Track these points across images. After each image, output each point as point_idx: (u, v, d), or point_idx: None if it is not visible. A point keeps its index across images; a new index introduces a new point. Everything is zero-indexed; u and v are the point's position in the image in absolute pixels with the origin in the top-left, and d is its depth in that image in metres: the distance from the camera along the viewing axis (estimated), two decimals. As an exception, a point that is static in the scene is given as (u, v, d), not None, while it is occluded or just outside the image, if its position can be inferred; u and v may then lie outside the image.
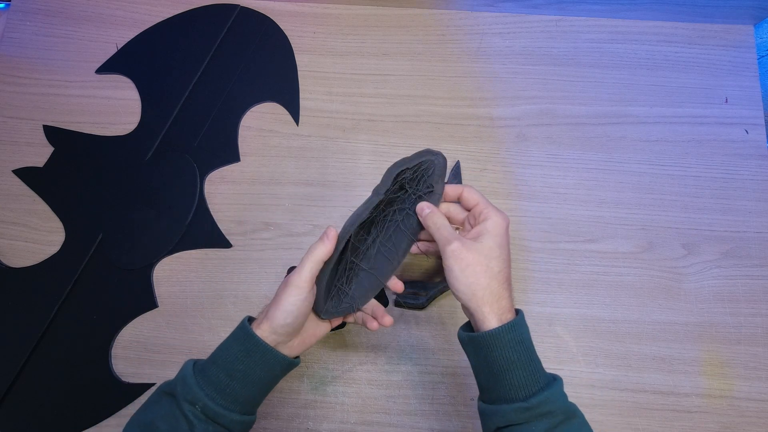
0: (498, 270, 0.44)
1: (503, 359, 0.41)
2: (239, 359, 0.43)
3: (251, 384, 0.44)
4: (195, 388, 0.42)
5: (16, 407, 0.59)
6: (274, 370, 0.45)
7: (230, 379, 0.42)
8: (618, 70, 0.70)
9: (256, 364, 0.43)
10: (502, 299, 0.43)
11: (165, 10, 0.73)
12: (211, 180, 0.67)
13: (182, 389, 0.42)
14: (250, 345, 0.43)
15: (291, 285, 0.45)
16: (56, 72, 0.71)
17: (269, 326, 0.44)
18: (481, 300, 0.43)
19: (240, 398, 0.43)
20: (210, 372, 0.43)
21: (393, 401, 0.58)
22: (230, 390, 0.42)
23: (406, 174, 0.50)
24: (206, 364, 0.44)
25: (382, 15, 0.73)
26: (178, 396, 0.42)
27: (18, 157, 0.67)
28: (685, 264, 0.63)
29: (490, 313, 0.42)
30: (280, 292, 0.45)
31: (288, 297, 0.44)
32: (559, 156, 0.67)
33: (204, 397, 0.41)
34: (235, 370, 0.43)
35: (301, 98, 0.70)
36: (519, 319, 0.43)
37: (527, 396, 0.40)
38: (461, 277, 0.43)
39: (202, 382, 0.42)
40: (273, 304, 0.45)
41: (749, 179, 0.66)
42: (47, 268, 0.63)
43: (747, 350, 0.60)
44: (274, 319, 0.44)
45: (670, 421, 0.58)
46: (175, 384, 0.43)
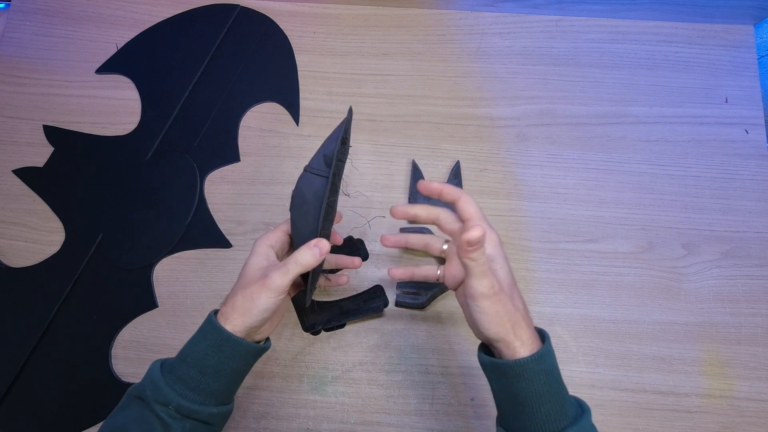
0: (517, 297, 0.43)
1: (530, 391, 0.39)
2: (209, 355, 0.42)
3: (224, 376, 0.43)
4: (165, 389, 0.41)
5: (16, 407, 0.59)
6: (246, 359, 0.44)
7: (202, 375, 0.42)
8: (618, 70, 0.70)
9: (227, 357, 0.42)
10: (526, 329, 0.41)
11: (165, 10, 0.73)
12: (211, 180, 0.67)
13: (152, 392, 0.41)
14: (221, 340, 0.42)
15: (270, 288, 0.42)
16: (56, 72, 0.71)
17: (243, 319, 0.42)
18: (507, 332, 0.40)
19: (214, 392, 0.42)
20: (180, 370, 0.42)
21: (393, 401, 0.58)
22: (204, 386, 0.42)
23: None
24: (175, 362, 0.43)
25: (382, 15, 0.73)
26: (149, 399, 0.41)
27: (18, 157, 0.67)
28: (685, 264, 0.63)
29: (516, 342, 0.40)
30: (256, 291, 0.43)
31: (266, 299, 0.42)
32: (559, 156, 0.67)
33: (176, 397, 0.40)
34: (206, 366, 0.42)
35: (301, 98, 0.70)
36: (547, 348, 0.40)
37: (556, 431, 0.38)
38: (495, 318, 0.40)
39: (172, 381, 0.41)
40: (245, 297, 0.43)
41: (749, 179, 0.66)
42: (47, 268, 0.63)
43: (747, 350, 0.60)
44: (248, 316, 0.42)
45: (670, 421, 0.58)
46: (144, 387, 0.42)
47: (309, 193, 0.45)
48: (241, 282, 0.45)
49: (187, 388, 0.41)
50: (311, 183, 0.45)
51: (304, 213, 0.45)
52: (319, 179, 0.45)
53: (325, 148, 0.46)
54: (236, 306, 0.43)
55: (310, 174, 0.45)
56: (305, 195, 0.45)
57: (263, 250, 0.46)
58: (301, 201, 0.45)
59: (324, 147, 0.46)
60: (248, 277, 0.45)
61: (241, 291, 0.44)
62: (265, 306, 0.43)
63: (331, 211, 0.50)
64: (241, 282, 0.45)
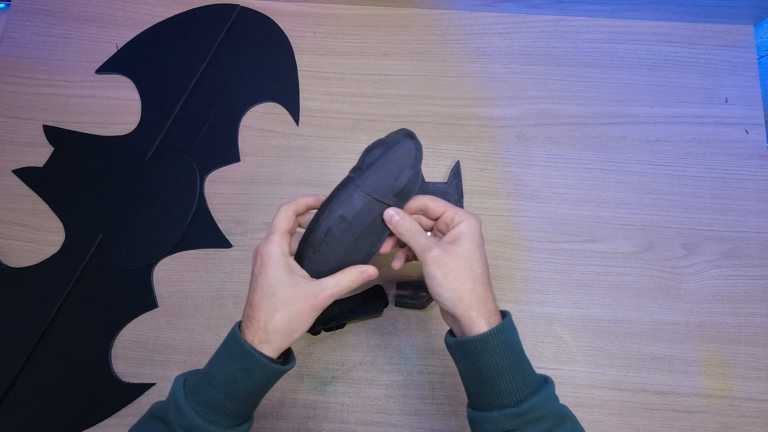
0: (480, 272, 0.43)
1: (492, 364, 0.40)
2: (238, 379, 0.40)
3: (251, 398, 0.42)
4: (190, 414, 0.39)
5: (16, 407, 0.59)
6: (274, 380, 0.43)
7: (229, 400, 0.40)
8: (618, 70, 0.70)
9: (255, 381, 0.41)
10: (488, 302, 0.42)
11: (165, 10, 0.73)
12: (211, 180, 0.67)
13: (176, 416, 0.39)
14: (251, 364, 0.40)
15: (320, 309, 0.43)
16: (56, 72, 0.71)
17: (283, 344, 0.41)
18: (467, 304, 0.41)
19: (240, 413, 0.41)
20: (206, 393, 0.40)
21: (393, 401, 0.58)
22: (230, 410, 0.40)
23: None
24: (200, 384, 0.41)
25: (382, 15, 0.73)
26: (172, 423, 0.39)
27: (18, 157, 0.67)
28: (685, 264, 0.63)
29: (479, 317, 0.41)
30: (305, 312, 0.42)
31: (314, 315, 0.43)
32: (559, 156, 0.67)
33: (202, 423, 0.39)
34: (234, 390, 0.40)
35: (301, 98, 0.70)
36: (507, 322, 0.42)
37: (518, 401, 0.39)
38: (445, 282, 0.42)
39: (197, 405, 0.40)
40: (292, 319, 0.41)
41: (749, 179, 0.66)
42: (47, 268, 0.63)
43: (747, 350, 0.60)
44: (292, 337, 0.42)
45: (670, 421, 0.58)
46: (167, 409, 0.40)
47: (367, 216, 0.44)
48: (270, 295, 0.42)
49: (213, 412, 0.40)
50: (372, 208, 0.44)
51: (357, 232, 0.44)
52: (380, 206, 0.45)
53: (397, 177, 0.44)
54: (278, 327, 0.41)
55: (376, 201, 0.44)
56: (361, 217, 0.44)
57: (282, 261, 0.43)
58: (356, 221, 0.44)
59: (390, 173, 0.44)
60: (281, 290, 0.42)
61: (281, 307, 0.41)
62: (310, 323, 0.43)
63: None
64: (269, 293, 0.42)
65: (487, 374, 0.41)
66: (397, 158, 0.45)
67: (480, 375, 0.41)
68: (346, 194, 0.45)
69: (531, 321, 0.61)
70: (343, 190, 0.45)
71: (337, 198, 0.45)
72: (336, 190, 0.46)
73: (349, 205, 0.44)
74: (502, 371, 0.40)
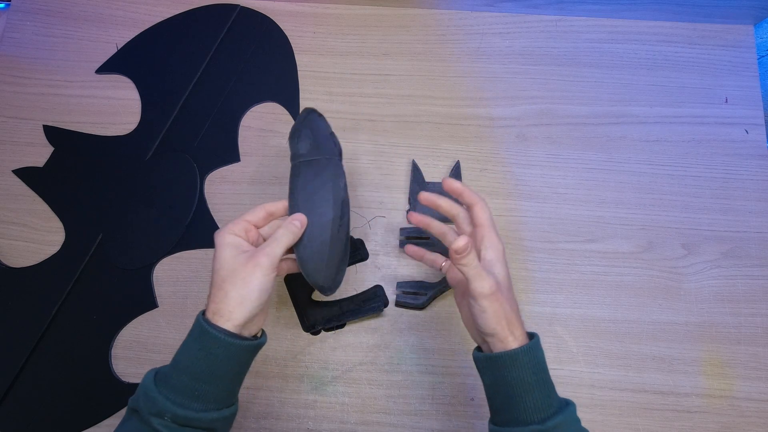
0: (512, 298, 0.45)
1: (520, 380, 0.41)
2: (200, 359, 0.40)
3: (220, 379, 0.41)
4: (159, 399, 0.39)
5: (16, 407, 0.59)
6: (241, 358, 0.43)
7: (196, 382, 0.40)
8: (618, 70, 0.70)
9: (219, 360, 0.41)
10: (519, 326, 0.44)
11: (165, 10, 0.73)
12: (211, 180, 0.67)
13: (145, 403, 0.40)
14: (209, 343, 0.40)
15: (262, 265, 0.42)
16: (56, 72, 0.71)
17: (241, 313, 0.41)
18: (503, 328, 0.43)
19: (213, 396, 0.41)
20: (173, 378, 0.40)
21: (393, 401, 0.58)
22: (200, 392, 0.40)
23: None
24: (168, 370, 0.41)
25: (382, 15, 0.73)
26: (142, 411, 0.39)
27: (18, 157, 0.67)
28: (685, 264, 0.63)
29: (510, 335, 0.42)
30: (248, 274, 0.42)
31: (262, 278, 0.42)
32: (559, 156, 0.67)
33: (172, 406, 0.39)
34: (198, 372, 0.40)
35: (301, 98, 0.70)
36: (536, 342, 0.43)
37: (543, 419, 0.40)
38: (493, 315, 0.42)
39: (166, 390, 0.40)
40: (237, 285, 0.42)
41: (749, 179, 0.66)
42: (47, 268, 0.63)
43: (747, 350, 0.60)
44: (246, 303, 0.41)
45: (670, 421, 0.58)
46: (138, 399, 0.41)
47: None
48: (222, 274, 0.43)
49: (182, 396, 0.40)
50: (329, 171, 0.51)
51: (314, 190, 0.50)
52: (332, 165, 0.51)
53: (335, 142, 0.53)
54: (230, 298, 0.41)
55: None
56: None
57: (231, 240, 0.44)
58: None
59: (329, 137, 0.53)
60: (228, 267, 0.43)
61: (229, 281, 0.42)
62: (261, 286, 0.42)
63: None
64: (221, 275, 0.43)
65: (514, 390, 0.41)
66: (324, 129, 0.54)
67: (507, 390, 0.42)
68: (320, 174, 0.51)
69: (531, 321, 0.61)
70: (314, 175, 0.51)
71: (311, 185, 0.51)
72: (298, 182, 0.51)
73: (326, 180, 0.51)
74: (529, 388, 0.41)
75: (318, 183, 0.50)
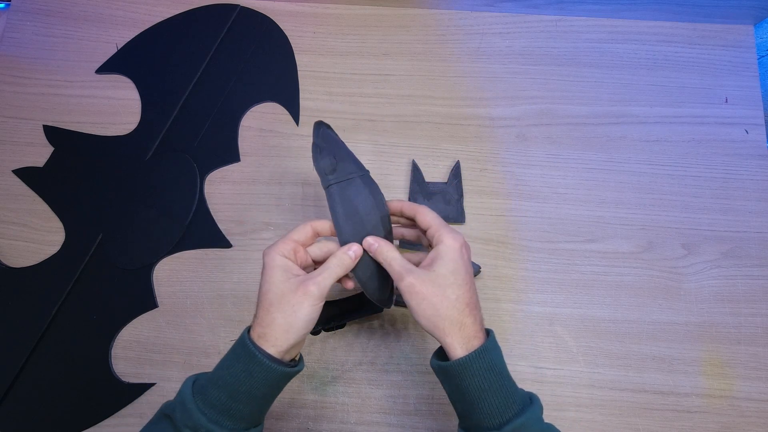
0: (455, 297, 0.42)
1: (474, 387, 0.41)
2: (241, 380, 0.41)
3: (255, 400, 0.42)
4: (196, 414, 0.39)
5: (16, 407, 0.59)
6: (279, 383, 0.43)
7: (233, 401, 0.41)
8: (618, 70, 0.70)
9: (259, 383, 0.41)
10: (464, 327, 0.42)
11: (165, 10, 0.73)
12: (211, 180, 0.67)
13: (181, 415, 0.40)
14: (253, 366, 0.41)
15: (312, 295, 0.42)
16: (56, 72, 0.71)
17: (285, 340, 0.41)
18: (442, 331, 0.42)
19: (245, 416, 0.41)
20: (211, 394, 0.41)
21: (393, 401, 0.58)
22: (235, 411, 0.41)
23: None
24: (207, 384, 0.42)
25: (382, 15, 0.73)
26: (178, 422, 0.40)
27: (18, 157, 0.67)
28: (685, 264, 0.63)
29: (453, 342, 0.42)
30: (297, 302, 0.42)
31: (309, 308, 0.42)
32: (559, 156, 0.67)
33: (207, 422, 0.39)
34: (237, 391, 0.41)
35: (301, 98, 0.70)
36: (488, 344, 0.42)
37: (501, 424, 0.40)
38: (419, 310, 0.42)
39: (203, 405, 0.40)
40: (285, 312, 0.42)
41: (749, 179, 0.66)
42: (47, 268, 0.63)
43: (747, 350, 0.60)
44: (291, 332, 0.41)
45: (670, 421, 0.58)
46: (174, 408, 0.41)
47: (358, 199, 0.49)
48: (270, 297, 0.43)
49: (218, 412, 0.40)
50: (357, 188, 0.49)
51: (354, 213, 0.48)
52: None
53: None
54: (276, 324, 0.42)
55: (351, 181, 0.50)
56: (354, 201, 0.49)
57: (280, 262, 0.44)
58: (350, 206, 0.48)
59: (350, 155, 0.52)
60: (277, 292, 0.43)
61: (276, 306, 0.42)
62: (308, 316, 0.42)
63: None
64: (269, 298, 0.43)
65: (469, 397, 0.41)
66: (341, 144, 0.53)
67: (463, 397, 0.42)
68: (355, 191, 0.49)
69: (531, 321, 0.61)
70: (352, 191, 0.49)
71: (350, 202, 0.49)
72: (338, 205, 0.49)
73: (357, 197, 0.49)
74: (483, 394, 0.41)
75: (360, 204, 0.48)
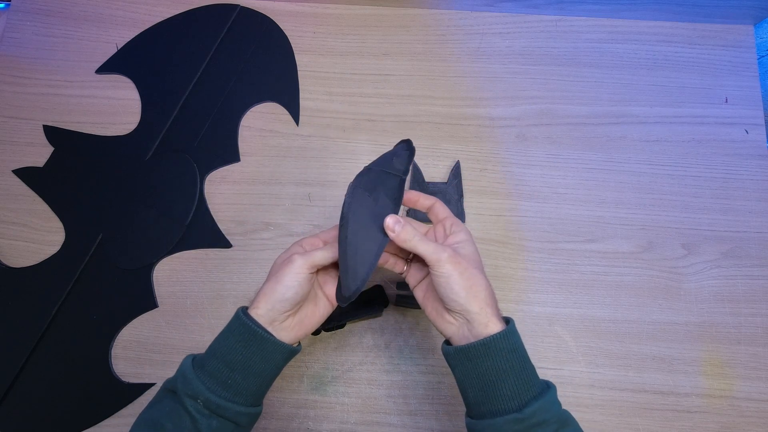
0: (485, 276, 0.44)
1: (496, 368, 0.40)
2: (237, 350, 0.42)
3: (253, 375, 0.43)
4: (195, 382, 0.41)
5: (16, 407, 0.59)
6: (274, 358, 0.44)
7: (231, 371, 0.42)
8: (618, 70, 0.70)
9: (254, 353, 0.42)
10: (496, 303, 0.43)
11: (165, 10, 0.73)
12: (211, 180, 0.67)
13: (182, 385, 0.42)
14: (247, 334, 0.42)
15: (293, 263, 0.44)
16: (56, 72, 0.71)
17: (266, 302, 0.43)
18: (483, 301, 0.41)
19: (243, 390, 0.42)
20: (209, 365, 0.42)
21: (393, 401, 0.58)
22: (232, 382, 0.42)
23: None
24: (205, 357, 0.43)
25: (382, 15, 0.73)
26: (179, 392, 0.41)
27: (18, 157, 0.67)
28: (685, 264, 0.63)
29: (493, 315, 0.41)
30: (281, 267, 0.45)
31: (291, 277, 0.43)
32: (559, 156, 0.67)
33: (205, 391, 0.41)
34: (234, 360, 0.42)
35: (301, 98, 0.70)
36: (512, 327, 0.42)
37: (520, 406, 0.39)
38: (461, 280, 0.41)
39: (203, 375, 0.42)
40: (271, 279, 0.44)
41: (749, 179, 0.66)
42: (47, 268, 0.63)
43: (747, 350, 0.60)
44: (273, 292, 0.43)
45: (670, 421, 0.58)
46: (176, 380, 0.43)
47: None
48: (268, 275, 0.46)
49: (216, 382, 0.41)
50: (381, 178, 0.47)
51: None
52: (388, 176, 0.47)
53: (394, 153, 0.49)
54: (261, 291, 0.44)
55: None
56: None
57: (292, 248, 0.47)
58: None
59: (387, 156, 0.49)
60: (274, 268, 0.46)
61: (268, 278, 0.45)
62: (288, 282, 0.43)
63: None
64: (269, 274, 0.46)
65: (488, 379, 0.40)
66: (393, 151, 0.49)
67: (481, 381, 0.41)
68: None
69: (531, 321, 0.61)
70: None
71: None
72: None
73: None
74: (504, 375, 0.40)
75: (362, 194, 0.45)
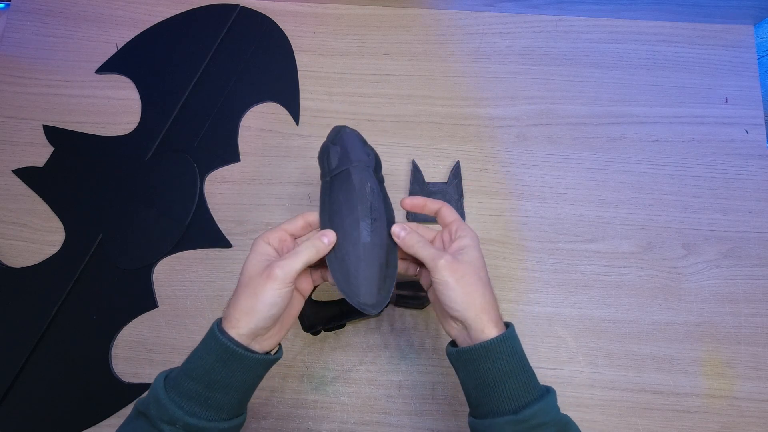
0: (486, 280, 0.44)
1: (496, 371, 0.41)
2: (215, 369, 0.40)
3: (234, 390, 0.41)
4: (171, 408, 0.38)
5: (16, 407, 0.59)
6: (255, 371, 0.42)
7: (210, 391, 0.39)
8: (618, 70, 0.70)
9: (235, 371, 0.40)
10: (495, 308, 0.43)
11: (165, 10, 0.73)
12: (211, 180, 0.67)
13: (156, 410, 0.39)
14: (226, 354, 0.40)
15: (274, 278, 0.40)
16: (56, 72, 0.71)
17: (248, 321, 0.40)
18: (480, 308, 0.42)
19: (224, 406, 0.40)
20: (185, 386, 0.40)
21: (393, 401, 0.58)
22: (212, 401, 0.40)
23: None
24: (179, 377, 0.40)
25: (382, 15, 0.73)
26: (153, 417, 0.39)
27: (18, 157, 0.67)
28: (685, 264, 0.63)
29: (489, 321, 0.42)
30: (259, 282, 0.41)
31: (272, 292, 0.40)
32: (559, 156, 0.67)
33: (184, 415, 0.38)
34: (213, 381, 0.40)
35: (301, 98, 0.70)
36: (511, 331, 0.43)
37: (519, 408, 0.39)
38: (458, 287, 0.42)
39: (178, 398, 0.39)
40: (247, 293, 0.41)
41: (749, 179, 0.66)
42: (47, 268, 0.63)
43: (747, 350, 0.60)
44: (255, 312, 0.40)
45: (670, 421, 0.58)
46: (148, 404, 0.40)
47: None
48: (241, 281, 0.43)
49: (194, 404, 0.39)
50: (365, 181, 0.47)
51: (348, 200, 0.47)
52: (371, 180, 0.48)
53: (368, 153, 0.50)
54: (239, 307, 0.41)
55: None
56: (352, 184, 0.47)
57: (261, 248, 0.44)
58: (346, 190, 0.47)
59: (360, 154, 0.49)
60: (248, 275, 0.42)
61: (243, 290, 0.42)
62: (271, 300, 0.40)
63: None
64: (241, 281, 0.43)
65: (489, 381, 0.41)
66: (355, 142, 0.49)
67: (483, 382, 0.42)
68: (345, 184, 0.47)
69: (531, 321, 0.61)
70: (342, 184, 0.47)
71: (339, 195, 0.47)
72: (329, 194, 0.48)
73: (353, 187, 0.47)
74: (504, 377, 0.41)
75: (343, 194, 0.47)
